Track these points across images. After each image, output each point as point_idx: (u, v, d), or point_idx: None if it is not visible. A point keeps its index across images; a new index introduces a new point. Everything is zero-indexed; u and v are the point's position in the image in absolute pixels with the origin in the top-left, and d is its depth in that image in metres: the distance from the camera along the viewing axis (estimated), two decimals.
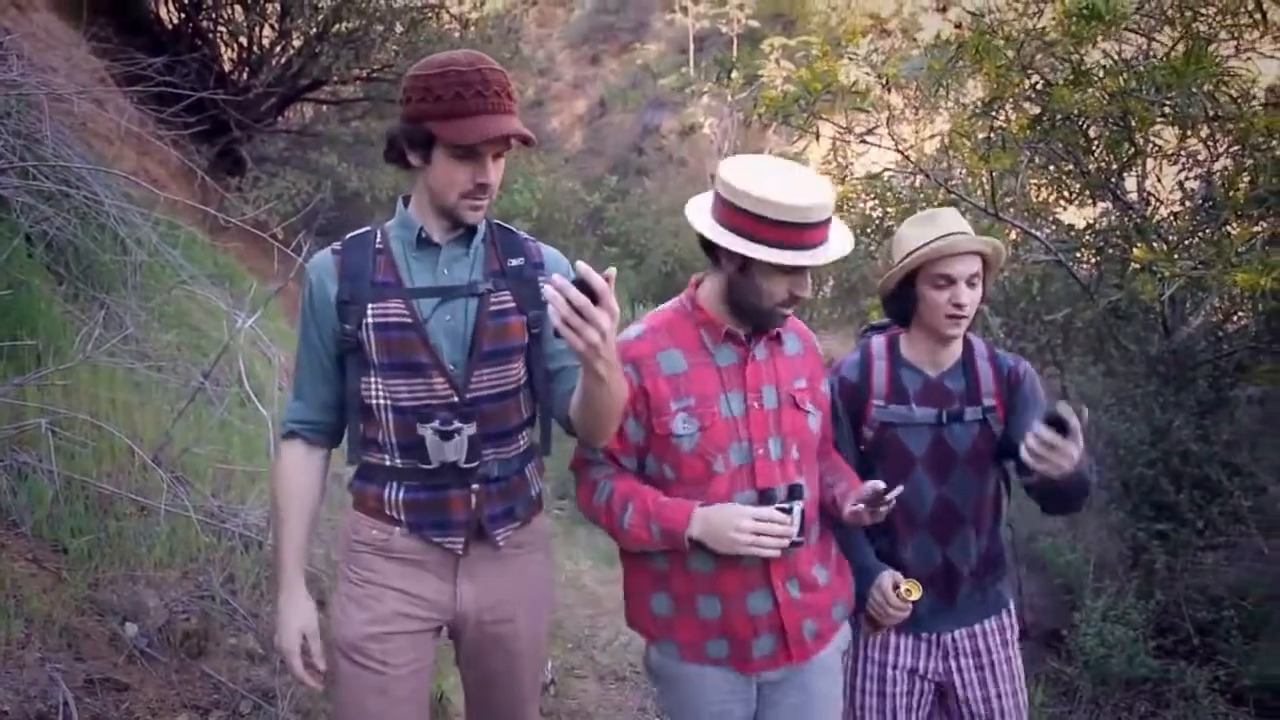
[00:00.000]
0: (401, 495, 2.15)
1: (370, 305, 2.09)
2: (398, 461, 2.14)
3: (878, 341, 2.59)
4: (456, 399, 2.09)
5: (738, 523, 2.07)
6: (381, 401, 2.11)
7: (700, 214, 2.17)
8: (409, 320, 2.08)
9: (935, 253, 2.37)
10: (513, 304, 2.15)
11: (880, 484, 2.15)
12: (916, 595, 2.34)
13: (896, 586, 2.35)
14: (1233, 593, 5.03)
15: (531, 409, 2.25)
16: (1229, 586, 5.08)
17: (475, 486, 2.15)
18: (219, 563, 3.48)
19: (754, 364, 2.22)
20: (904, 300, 2.48)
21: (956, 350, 2.52)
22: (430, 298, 2.11)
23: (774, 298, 2.13)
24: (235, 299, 5.64)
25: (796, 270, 2.10)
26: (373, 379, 2.11)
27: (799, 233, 2.04)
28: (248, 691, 3.06)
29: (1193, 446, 5.10)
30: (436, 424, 2.09)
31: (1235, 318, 5.64)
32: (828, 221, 2.09)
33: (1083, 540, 6.29)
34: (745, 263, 2.10)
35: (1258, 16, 4.04)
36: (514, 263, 2.18)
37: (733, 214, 2.08)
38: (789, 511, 2.10)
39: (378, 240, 2.16)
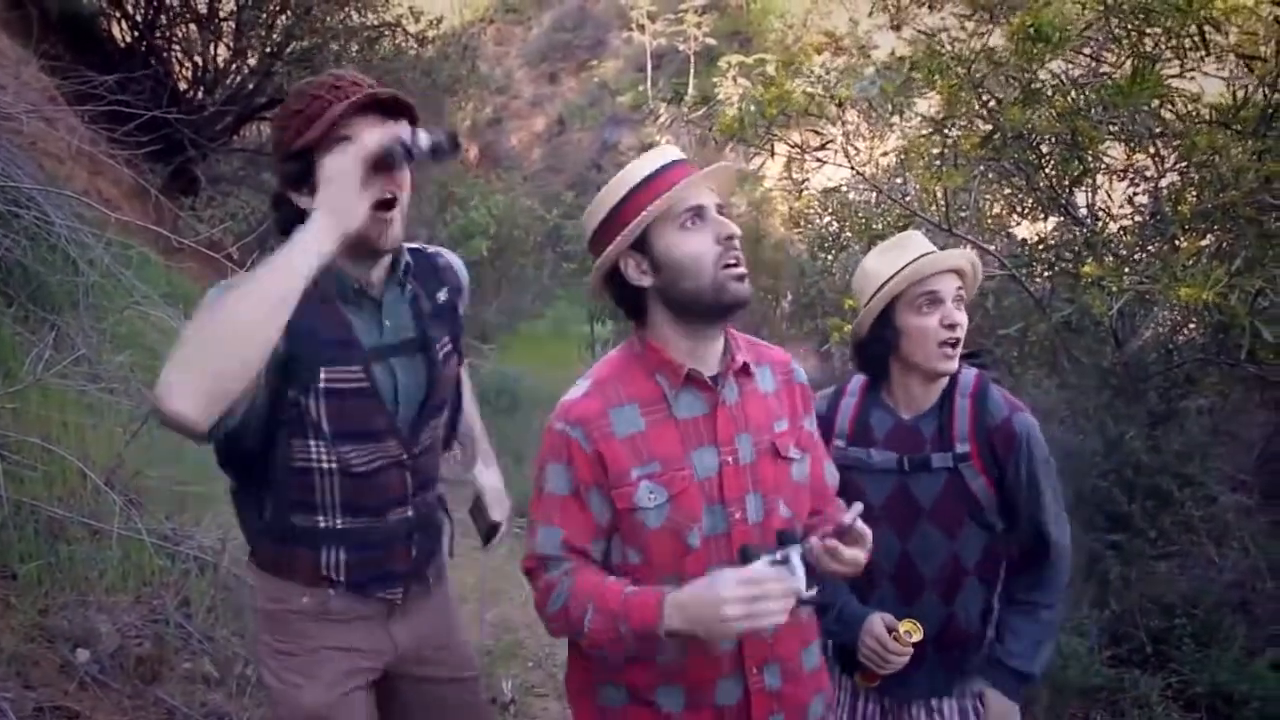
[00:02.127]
0: (343, 557, 2.00)
1: (324, 369, 1.87)
2: (337, 523, 1.98)
3: (856, 379, 2.34)
4: (405, 456, 2.01)
5: (723, 594, 1.58)
6: (328, 466, 1.93)
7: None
8: (365, 386, 1.92)
9: (917, 272, 2.12)
10: (450, 345, 2.08)
11: (854, 510, 1.73)
12: (918, 636, 2.06)
13: (892, 630, 2.08)
14: (1185, 601, 5.09)
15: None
16: (1181, 595, 5.14)
17: (415, 536, 2.08)
18: (173, 586, 3.44)
19: (724, 410, 1.83)
20: (881, 342, 2.21)
21: (938, 389, 2.23)
22: (383, 358, 1.96)
23: (701, 259, 1.74)
24: (189, 319, 5.57)
25: (697, 214, 1.76)
26: (313, 442, 1.91)
27: (665, 175, 1.77)
28: (203, 716, 3.03)
29: (1144, 457, 5.18)
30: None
31: (1185, 330, 5.74)
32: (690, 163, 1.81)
33: None
34: (642, 247, 1.78)
35: (1199, 38, 4.13)
36: (441, 298, 2.09)
37: (626, 215, 1.79)
38: (784, 563, 1.63)
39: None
